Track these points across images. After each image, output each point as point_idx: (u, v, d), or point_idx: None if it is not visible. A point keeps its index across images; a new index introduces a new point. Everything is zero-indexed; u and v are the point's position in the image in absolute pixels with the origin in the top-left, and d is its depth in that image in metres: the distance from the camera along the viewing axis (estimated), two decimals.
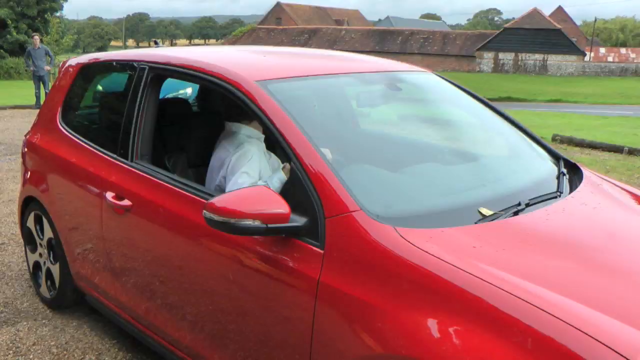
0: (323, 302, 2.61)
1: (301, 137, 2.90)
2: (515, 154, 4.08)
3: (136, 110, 3.87)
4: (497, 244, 2.64)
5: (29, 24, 50.19)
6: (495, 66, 61.19)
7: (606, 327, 2.11)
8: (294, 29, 67.53)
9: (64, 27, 50.31)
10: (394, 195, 3.07)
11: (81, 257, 4.42)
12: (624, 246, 2.88)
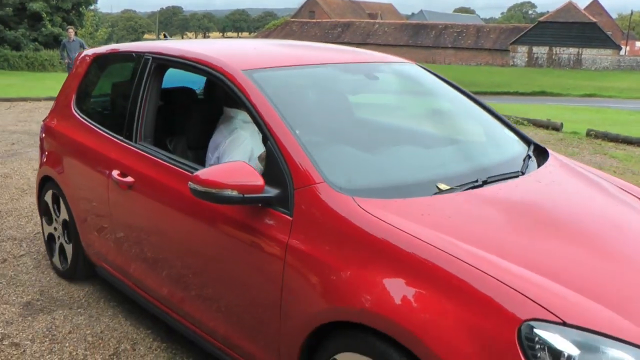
0: (290, 262, 3.01)
1: (278, 120, 3.30)
2: (486, 138, 4.44)
3: (140, 96, 4.32)
4: (442, 213, 3.01)
5: (64, 17, 50.70)
6: (529, 60, 60.69)
7: (518, 275, 2.52)
8: (327, 23, 67.44)
9: (98, 20, 50.74)
10: (358, 170, 3.41)
11: (92, 231, 4.84)
12: (562, 217, 3.23)
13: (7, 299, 5.00)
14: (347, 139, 3.83)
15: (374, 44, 61.41)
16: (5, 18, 48.96)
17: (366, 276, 2.72)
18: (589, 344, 2.31)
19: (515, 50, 61.35)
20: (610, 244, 3.06)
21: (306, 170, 3.09)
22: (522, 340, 2.31)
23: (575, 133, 14.04)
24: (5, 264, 5.69)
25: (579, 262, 2.80)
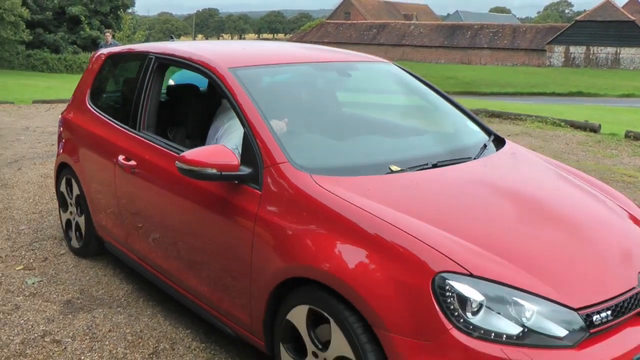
0: (259, 229, 3.54)
1: (254, 110, 3.85)
2: (447, 129, 5.01)
3: (144, 90, 4.92)
4: (386, 188, 3.52)
5: (102, 20, 51.28)
6: (565, 60, 60.09)
7: (437, 236, 3.01)
8: (362, 24, 67.38)
9: (136, 23, 51.27)
10: (319, 153, 3.99)
11: (100, 210, 5.47)
12: (492, 192, 3.75)
13: (48, 296, 5.10)
14: (314, 127, 4.40)
15: (409, 45, 61.30)
16: (45, 22, 49.71)
17: (316, 239, 3.26)
18: (494, 292, 2.80)
19: (551, 50, 60.77)
20: (529, 213, 3.53)
21: (273, 152, 3.62)
22: (436, 289, 2.80)
23: (613, 134, 13.85)
24: (46, 262, 5.81)
25: (496, 227, 3.29)
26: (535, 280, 2.87)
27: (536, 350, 2.72)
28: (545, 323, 2.78)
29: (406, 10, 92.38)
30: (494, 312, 2.77)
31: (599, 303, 2.92)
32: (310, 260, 3.23)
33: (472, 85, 43.13)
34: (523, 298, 2.79)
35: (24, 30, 44.58)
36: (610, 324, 2.93)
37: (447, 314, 2.76)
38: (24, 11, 43.09)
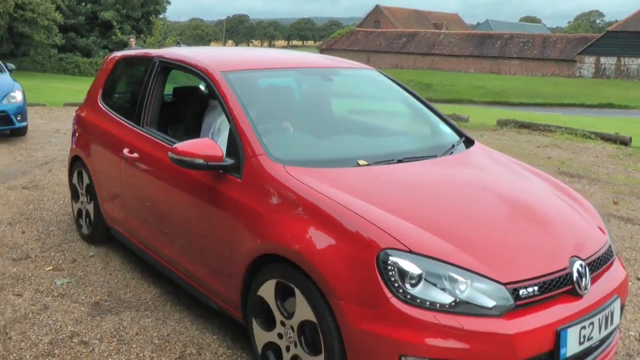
0: (238, 213, 4.02)
1: (239, 109, 4.36)
2: (420, 130, 5.52)
3: (148, 90, 5.47)
4: (350, 178, 3.99)
5: (133, 25, 51.79)
6: (596, 71, 59.51)
7: (383, 218, 3.47)
8: (392, 33, 67.29)
9: (167, 29, 51.67)
10: (294, 147, 4.48)
11: (107, 199, 5.98)
12: (445, 183, 4.24)
13: (77, 298, 5.15)
14: (293, 125, 4.80)
15: (439, 54, 61.13)
16: (77, 26, 50.30)
17: (284, 221, 3.74)
18: (430, 267, 3.24)
19: (582, 61, 60.22)
20: (473, 200, 3.98)
21: (253, 145, 4.12)
22: (380, 263, 3.25)
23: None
24: (75, 263, 5.88)
25: (440, 212, 3.74)
26: (469, 258, 3.30)
27: (465, 318, 3.15)
28: (475, 295, 3.20)
29: (436, 19, 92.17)
30: (431, 284, 3.21)
31: (526, 279, 3.32)
32: (278, 239, 3.72)
33: (501, 95, 42.95)
34: (456, 273, 3.23)
35: (57, 34, 45.15)
36: (536, 299, 3.32)
37: (389, 285, 3.22)
38: (57, 16, 43.63)
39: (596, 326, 3.49)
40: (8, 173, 9.56)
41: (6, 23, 41.36)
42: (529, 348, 3.22)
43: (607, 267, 3.87)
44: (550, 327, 3.28)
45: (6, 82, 12.95)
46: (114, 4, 50.95)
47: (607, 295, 3.64)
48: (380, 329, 3.21)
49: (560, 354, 3.30)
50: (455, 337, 3.13)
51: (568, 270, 3.49)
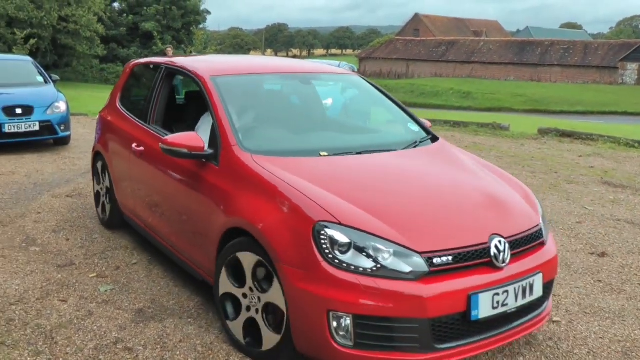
0: (214, 194, 4.76)
1: (221, 107, 5.10)
2: (389, 129, 6.32)
3: (155, 93, 6.31)
4: (307, 166, 4.64)
5: (174, 35, 52.26)
6: (639, 78, 58.63)
7: (322, 196, 4.12)
8: (431, 41, 66.99)
9: (207, 39, 52.05)
10: (266, 140, 5.12)
11: (120, 188, 6.83)
12: (390, 172, 4.83)
13: (120, 304, 5.22)
14: (267, 121, 5.56)
15: (478, 62, 60.75)
16: (118, 37, 50.96)
17: (246, 199, 4.43)
18: (357, 237, 3.85)
19: (624, 68, 59.28)
20: (408, 184, 4.67)
21: (229, 137, 4.84)
22: (315, 233, 3.88)
23: None
24: (119, 271, 5.95)
25: (375, 193, 4.36)
26: (391, 230, 3.91)
27: (384, 280, 3.76)
28: (394, 261, 3.80)
29: (476, 26, 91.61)
30: (358, 252, 3.82)
31: (441, 250, 3.90)
32: (240, 214, 4.42)
33: (541, 103, 42.53)
34: (379, 243, 3.84)
35: (99, 45, 45.80)
36: (450, 267, 3.90)
37: (321, 251, 3.84)
38: (99, 27, 44.29)
39: (511, 295, 4.05)
40: (52, 181, 9.73)
41: (50, 35, 42.09)
42: (439, 308, 3.79)
43: (535, 246, 4.42)
44: (462, 292, 3.85)
45: (51, 93, 13.21)
46: (154, 15, 51.55)
47: (528, 270, 4.19)
48: (313, 288, 3.84)
49: (472, 315, 3.88)
50: (374, 295, 3.74)
51: (487, 245, 4.05)
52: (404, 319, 3.77)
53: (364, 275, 3.77)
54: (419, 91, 48.45)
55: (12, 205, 8.24)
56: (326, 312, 3.81)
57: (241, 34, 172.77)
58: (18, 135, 12.21)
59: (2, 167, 10.87)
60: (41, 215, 7.81)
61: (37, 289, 5.50)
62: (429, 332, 3.81)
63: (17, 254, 6.38)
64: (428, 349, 3.84)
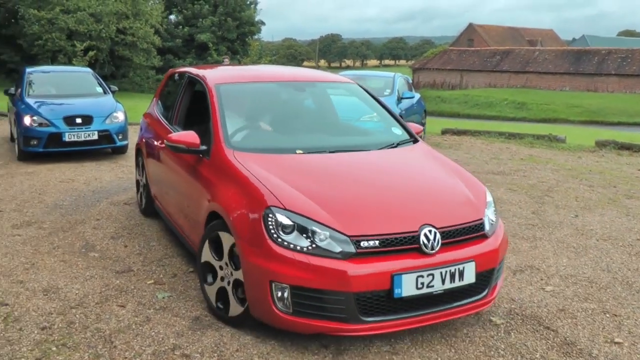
0: (204, 184, 5.58)
1: (217, 110, 5.94)
2: (371, 132, 6.91)
3: (178, 97, 7.26)
4: (279, 162, 5.34)
5: (228, 46, 52.75)
6: None
7: (277, 185, 4.85)
8: (485, 51, 66.37)
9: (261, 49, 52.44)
10: (249, 139, 5.87)
11: (151, 181, 7.81)
12: (353, 168, 5.47)
13: (178, 311, 5.28)
14: (256, 122, 6.29)
15: (533, 72, 59.89)
16: (174, 49, 51.67)
17: (221, 188, 5.23)
18: (299, 220, 4.55)
19: None
20: (362, 179, 5.24)
21: (220, 136, 5.64)
22: (265, 216, 4.60)
23: None
24: (176, 278, 6.03)
25: (324, 184, 5.01)
26: (327, 216, 4.56)
27: (316, 257, 4.41)
28: (327, 242, 4.46)
29: (530, 35, 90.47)
30: (299, 233, 4.51)
31: (368, 235, 4.50)
32: (216, 200, 5.22)
33: (598, 114, 41.72)
34: (316, 226, 4.51)
35: (155, 56, 46.44)
36: (376, 250, 4.49)
37: (268, 231, 4.55)
38: (156, 39, 44.94)
39: (437, 278, 4.55)
40: (110, 189, 9.92)
41: (108, 47, 42.86)
42: (363, 284, 4.38)
43: (473, 238, 4.89)
44: (386, 272, 4.42)
45: (109, 103, 13.51)
46: (210, 27, 52.12)
47: (458, 258, 4.67)
48: (260, 262, 4.54)
49: (395, 293, 4.43)
50: (307, 270, 4.38)
51: (417, 233, 4.60)
52: (332, 292, 4.38)
53: (301, 253, 4.44)
54: (472, 102, 47.99)
55: (72, 212, 8.43)
56: (269, 282, 4.51)
57: (294, 45, 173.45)
58: (77, 144, 12.52)
59: (62, 174, 11.14)
60: (100, 221, 7.98)
61: (97, 294, 5.62)
62: (354, 305, 4.40)
63: (77, 259, 6.53)
64: (355, 320, 4.43)
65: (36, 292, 5.63)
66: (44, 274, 6.08)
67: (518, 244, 7.38)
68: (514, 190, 10.49)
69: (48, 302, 5.43)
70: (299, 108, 6.94)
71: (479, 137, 18.41)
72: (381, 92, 14.90)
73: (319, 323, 4.47)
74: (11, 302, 5.40)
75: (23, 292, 5.62)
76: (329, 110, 7.16)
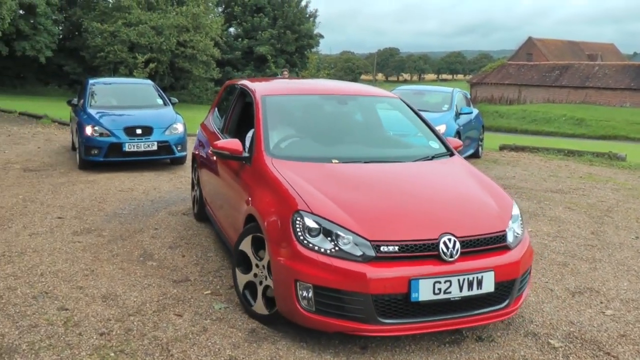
0: (245, 189, 5.93)
1: (261, 120, 6.31)
2: (409, 144, 7.08)
3: (230, 107, 7.73)
4: (314, 170, 5.64)
5: (287, 59, 53.16)
6: None
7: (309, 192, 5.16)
8: (544, 65, 65.45)
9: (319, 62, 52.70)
10: (288, 148, 6.21)
11: (203, 184, 8.24)
12: (383, 179, 5.67)
13: (234, 323, 5.31)
14: (297, 132, 6.60)
15: (592, 87, 58.76)
16: (233, 61, 52.28)
17: (259, 193, 5.56)
18: (325, 225, 4.82)
19: None
20: (390, 190, 5.42)
21: (261, 144, 6.00)
22: (293, 220, 4.90)
23: None
24: (232, 290, 6.03)
25: (353, 192, 5.27)
26: (351, 221, 4.83)
27: (338, 259, 4.68)
28: (350, 246, 4.72)
29: (590, 49, 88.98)
30: (324, 236, 4.78)
31: (389, 240, 4.73)
32: (253, 204, 5.53)
33: None
34: (340, 230, 4.77)
35: (214, 68, 47.10)
36: (396, 255, 4.71)
37: (295, 233, 4.83)
38: (215, 51, 45.59)
39: (455, 285, 4.73)
40: (169, 199, 10.06)
41: (168, 59, 43.58)
42: (381, 287, 4.60)
43: (494, 248, 5.05)
44: (403, 277, 4.63)
45: (169, 114, 13.74)
46: (269, 39, 52.64)
47: (477, 267, 4.84)
48: (287, 262, 4.83)
49: (412, 297, 4.64)
50: (329, 272, 4.64)
51: (436, 241, 4.80)
52: (352, 292, 4.62)
53: (324, 255, 4.70)
54: (530, 117, 47.45)
55: (131, 220, 8.58)
56: (294, 281, 4.78)
57: (352, 58, 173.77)
58: (137, 154, 12.74)
59: (122, 184, 11.34)
60: (158, 231, 8.10)
61: (154, 302, 5.69)
62: (372, 306, 4.62)
63: (135, 268, 6.63)
64: (373, 321, 4.64)
65: (95, 298, 5.74)
66: (103, 281, 6.19)
67: (577, 265, 7.24)
68: (573, 209, 10.32)
69: (107, 308, 5.52)
70: (339, 120, 7.19)
71: (537, 153, 18.19)
72: (439, 107, 14.85)
73: (339, 322, 4.71)
74: (71, 307, 5.51)
75: (82, 298, 5.73)
76: (369, 123, 7.35)
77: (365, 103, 7.50)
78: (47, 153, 14.91)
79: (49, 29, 41.85)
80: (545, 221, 9.33)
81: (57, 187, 10.79)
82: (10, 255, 6.90)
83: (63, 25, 47.23)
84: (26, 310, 5.42)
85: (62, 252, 7.10)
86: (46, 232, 7.90)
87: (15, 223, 8.30)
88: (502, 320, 5.34)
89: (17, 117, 23.65)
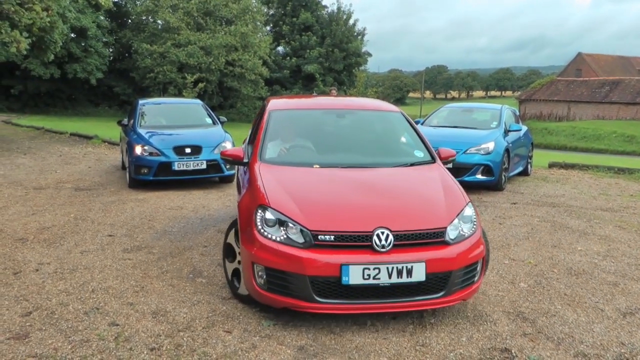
0: (239, 189, 7.06)
1: (262, 131, 7.18)
2: (394, 152, 7.56)
3: (256, 122, 8.16)
4: (293, 173, 6.47)
5: (335, 77, 53.33)
6: None
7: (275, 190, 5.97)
8: (594, 81, 64.48)
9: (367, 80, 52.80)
10: (278, 154, 7.01)
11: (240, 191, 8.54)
12: (351, 180, 6.39)
13: (283, 340, 5.32)
14: (294, 142, 7.33)
15: None
16: (282, 79, 52.67)
17: (245, 192, 6.37)
18: (278, 217, 5.59)
19: None
20: (343, 188, 6.20)
21: (258, 152, 6.89)
22: (256, 212, 5.71)
23: None
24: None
25: (313, 191, 6.11)
26: (300, 214, 5.56)
27: (284, 246, 5.45)
28: (296, 235, 5.47)
29: None
30: (279, 226, 5.56)
31: (326, 230, 5.41)
32: (237, 201, 6.59)
33: None
34: (290, 221, 5.53)
35: (262, 87, 47.46)
36: (331, 243, 5.39)
37: (256, 224, 5.65)
38: (264, 70, 45.94)
39: (384, 272, 5.28)
40: (218, 217, 10.15)
41: (217, 78, 44.07)
42: (315, 269, 5.27)
43: (430, 243, 5.57)
44: (336, 263, 5.27)
45: (218, 133, 13.89)
46: (317, 58, 52.92)
47: (408, 258, 5.35)
48: (248, 247, 5.65)
49: (343, 280, 5.26)
50: (277, 256, 5.42)
51: (370, 233, 5.40)
52: (293, 274, 5.34)
53: (275, 242, 5.49)
54: (580, 134, 46.85)
55: (180, 238, 8.67)
56: (251, 264, 5.61)
57: (400, 76, 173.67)
58: (186, 172, 12.89)
59: (172, 202, 11.49)
60: (207, 248, 8.18)
61: (203, 319, 5.74)
62: (309, 286, 5.31)
63: (185, 284, 6.70)
64: (311, 300, 5.34)
65: (145, 314, 5.81)
66: (153, 297, 6.28)
67: (628, 285, 7.08)
68: (623, 227, 10.13)
69: (157, 324, 5.59)
70: (334, 130, 7.85)
71: (586, 171, 17.91)
72: (488, 125, 14.72)
73: (285, 299, 5.47)
74: (122, 323, 5.59)
75: (133, 314, 5.81)
76: (362, 133, 7.86)
77: (363, 116, 8.14)
78: (98, 172, 15.22)
79: (99, 51, 42.72)
80: (595, 240, 9.17)
81: (108, 206, 10.99)
82: (62, 272, 7.04)
83: (113, 47, 48.11)
84: (78, 325, 5.52)
85: (112, 269, 7.22)
86: (97, 250, 8.04)
87: (67, 241, 8.46)
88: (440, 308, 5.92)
89: (69, 138, 24.16)
